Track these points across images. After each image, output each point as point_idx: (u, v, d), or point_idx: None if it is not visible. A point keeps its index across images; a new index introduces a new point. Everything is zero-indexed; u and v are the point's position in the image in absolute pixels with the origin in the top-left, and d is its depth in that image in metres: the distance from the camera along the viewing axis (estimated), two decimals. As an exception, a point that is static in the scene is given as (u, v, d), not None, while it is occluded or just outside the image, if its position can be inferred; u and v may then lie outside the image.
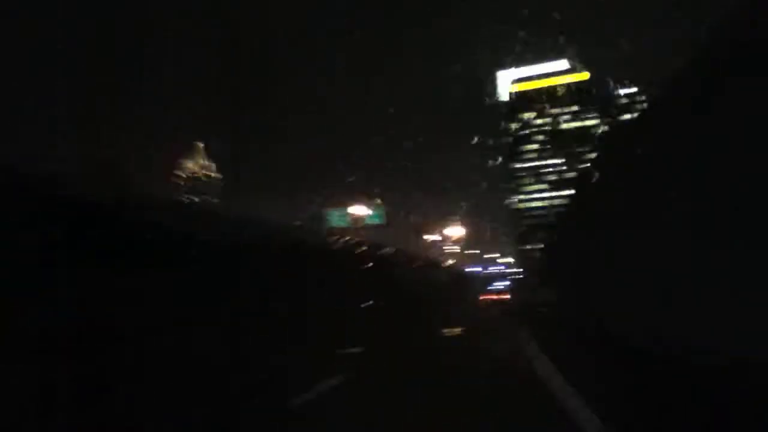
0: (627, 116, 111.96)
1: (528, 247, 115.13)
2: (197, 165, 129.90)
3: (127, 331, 5.21)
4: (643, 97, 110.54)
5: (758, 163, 3.82)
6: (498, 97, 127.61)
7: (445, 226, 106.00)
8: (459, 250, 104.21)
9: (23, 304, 4.23)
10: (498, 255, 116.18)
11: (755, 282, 3.80)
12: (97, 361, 4.75)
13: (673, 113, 5.86)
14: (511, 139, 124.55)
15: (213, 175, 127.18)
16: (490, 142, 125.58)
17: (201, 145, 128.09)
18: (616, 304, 7.66)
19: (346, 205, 66.06)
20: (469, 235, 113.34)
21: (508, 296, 56.36)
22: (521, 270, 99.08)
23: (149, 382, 4.95)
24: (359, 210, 61.08)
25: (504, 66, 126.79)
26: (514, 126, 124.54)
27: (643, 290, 6.37)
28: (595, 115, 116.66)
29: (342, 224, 60.16)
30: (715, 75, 4.73)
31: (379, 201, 65.50)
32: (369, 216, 61.67)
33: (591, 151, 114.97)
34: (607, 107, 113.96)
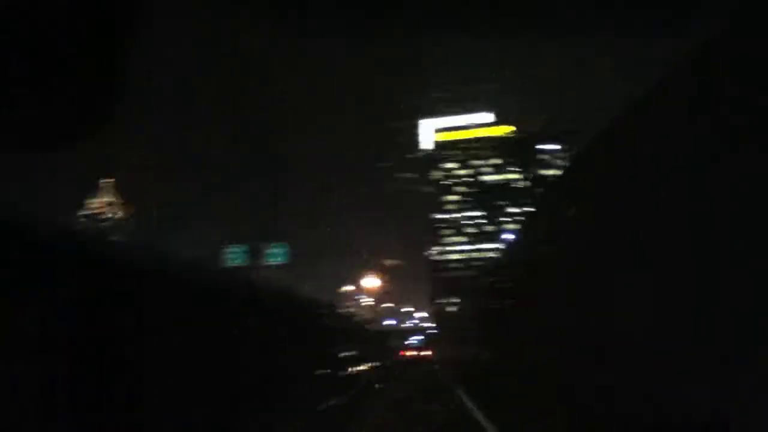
0: (549, 172, 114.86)
1: (444, 300, 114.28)
2: (102, 203, 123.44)
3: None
4: (566, 154, 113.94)
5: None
6: (420, 146, 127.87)
7: (361, 276, 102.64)
8: (374, 303, 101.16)
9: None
10: (413, 309, 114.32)
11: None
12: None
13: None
14: (432, 189, 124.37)
15: (120, 213, 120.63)
16: (410, 189, 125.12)
17: (110, 181, 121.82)
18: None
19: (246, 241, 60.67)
20: (385, 287, 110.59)
21: (430, 352, 53.64)
22: (435, 325, 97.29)
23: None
24: (264, 247, 57.26)
25: (427, 115, 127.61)
26: (436, 175, 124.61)
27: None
28: (516, 169, 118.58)
29: (239, 262, 55.37)
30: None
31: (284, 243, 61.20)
32: (270, 253, 57.30)
33: (511, 205, 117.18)
34: (529, 162, 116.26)
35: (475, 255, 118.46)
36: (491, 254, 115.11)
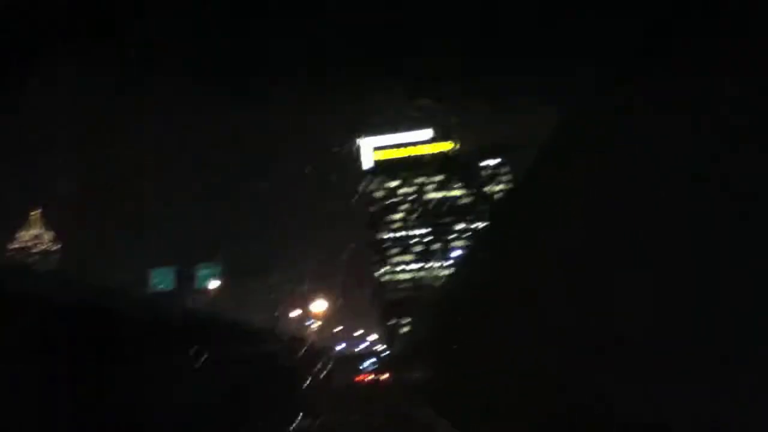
0: (493, 188, 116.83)
1: (394, 321, 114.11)
2: (30, 236, 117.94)
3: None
4: (507, 168, 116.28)
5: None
6: (360, 165, 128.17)
7: (309, 301, 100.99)
8: (322, 326, 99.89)
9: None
10: (363, 331, 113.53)
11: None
12: None
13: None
14: (375, 208, 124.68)
15: (47, 245, 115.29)
16: (353, 208, 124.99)
17: (37, 212, 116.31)
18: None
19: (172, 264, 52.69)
20: (333, 310, 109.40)
21: (387, 375, 53.22)
22: (387, 346, 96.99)
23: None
24: (196, 268, 50.81)
25: (365, 134, 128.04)
26: (378, 195, 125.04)
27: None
28: (459, 185, 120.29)
29: (165, 286, 49.38)
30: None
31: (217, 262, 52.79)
32: (201, 275, 50.22)
33: (455, 222, 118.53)
34: (471, 178, 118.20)
35: (423, 274, 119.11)
36: (440, 272, 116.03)
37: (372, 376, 55.15)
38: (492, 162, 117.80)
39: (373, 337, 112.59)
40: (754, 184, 3.12)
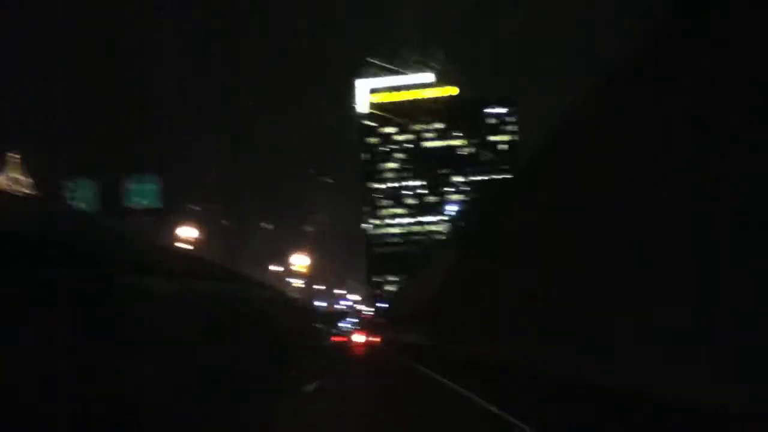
0: (495, 138, 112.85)
1: (384, 278, 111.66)
2: (6, 179, 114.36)
3: None
4: (514, 119, 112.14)
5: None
6: (355, 108, 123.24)
7: (289, 255, 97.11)
8: (304, 285, 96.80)
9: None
10: (345, 292, 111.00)
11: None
12: None
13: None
14: (368, 156, 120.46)
15: (26, 191, 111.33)
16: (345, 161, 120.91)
17: (17, 157, 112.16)
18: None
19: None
20: (316, 266, 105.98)
21: (378, 339, 49.74)
22: (376, 305, 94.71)
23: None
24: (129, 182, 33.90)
25: (364, 74, 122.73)
26: (372, 141, 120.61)
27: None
28: (460, 134, 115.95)
29: (87, 205, 34.33)
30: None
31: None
32: (130, 191, 34.81)
33: (453, 174, 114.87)
34: (474, 127, 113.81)
35: (415, 228, 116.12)
36: (433, 228, 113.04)
37: (363, 338, 51.18)
38: (497, 110, 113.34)
39: (355, 297, 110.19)
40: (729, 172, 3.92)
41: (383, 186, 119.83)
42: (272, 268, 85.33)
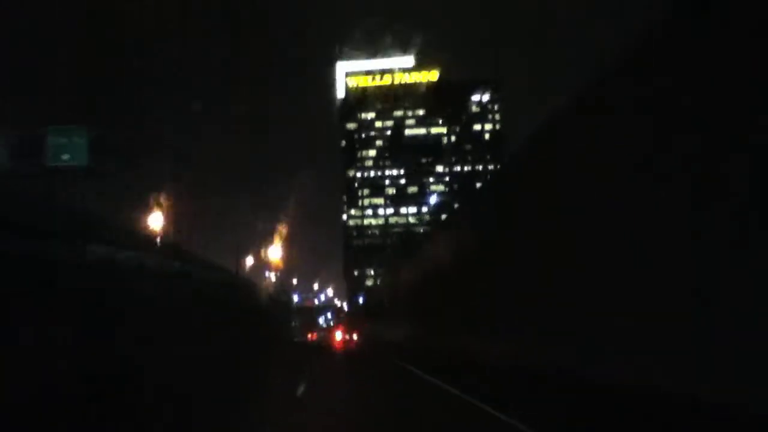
0: (478, 127, 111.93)
1: (363, 271, 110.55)
2: None
3: None
4: (496, 107, 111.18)
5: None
6: (335, 92, 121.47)
7: (265, 247, 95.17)
8: (277, 278, 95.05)
9: None
10: (318, 287, 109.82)
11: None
12: None
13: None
14: (346, 143, 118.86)
15: None
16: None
17: None
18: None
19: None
20: (292, 259, 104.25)
21: (355, 337, 48.21)
22: (354, 299, 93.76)
23: None
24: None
25: (344, 57, 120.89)
26: (350, 126, 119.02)
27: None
28: (443, 121, 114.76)
29: None
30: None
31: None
32: (53, 145, 27.21)
33: (435, 163, 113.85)
34: (457, 113, 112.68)
35: (396, 219, 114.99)
36: (414, 219, 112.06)
37: (341, 337, 49.28)
38: (482, 97, 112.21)
39: (330, 292, 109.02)
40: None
41: (361, 174, 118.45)
42: (249, 260, 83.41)
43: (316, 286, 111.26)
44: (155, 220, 32.21)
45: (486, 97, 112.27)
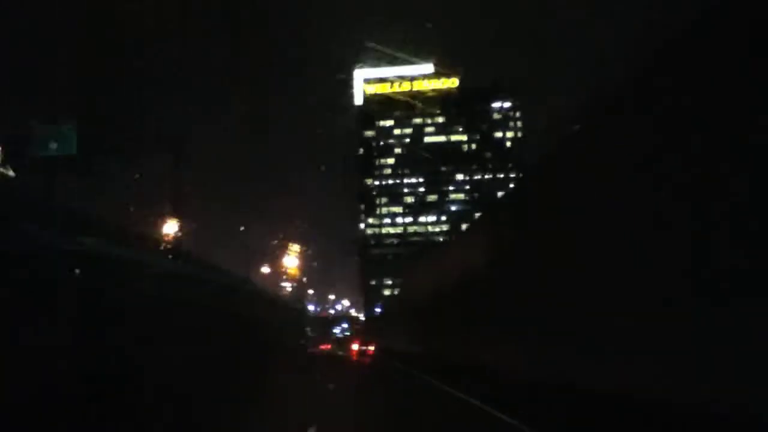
0: (500, 134, 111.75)
1: (380, 281, 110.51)
2: None
3: None
4: (518, 114, 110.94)
5: None
6: (353, 100, 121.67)
7: (280, 255, 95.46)
8: (293, 288, 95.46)
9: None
10: (334, 297, 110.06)
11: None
12: None
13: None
14: (364, 150, 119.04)
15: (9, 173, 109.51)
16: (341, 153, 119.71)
17: None
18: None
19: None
20: (308, 268, 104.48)
21: (372, 348, 47.55)
22: (370, 310, 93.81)
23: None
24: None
25: (363, 65, 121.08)
26: (368, 134, 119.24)
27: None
28: (463, 129, 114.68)
29: None
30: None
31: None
32: (41, 135, 26.59)
33: (455, 172, 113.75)
34: (478, 121, 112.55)
35: (414, 229, 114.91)
36: (434, 228, 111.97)
37: (357, 348, 48.68)
38: (503, 104, 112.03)
39: (347, 302, 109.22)
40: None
41: (380, 183, 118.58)
42: (264, 270, 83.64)
43: (332, 297, 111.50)
44: (169, 227, 32.59)
45: (507, 104, 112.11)
